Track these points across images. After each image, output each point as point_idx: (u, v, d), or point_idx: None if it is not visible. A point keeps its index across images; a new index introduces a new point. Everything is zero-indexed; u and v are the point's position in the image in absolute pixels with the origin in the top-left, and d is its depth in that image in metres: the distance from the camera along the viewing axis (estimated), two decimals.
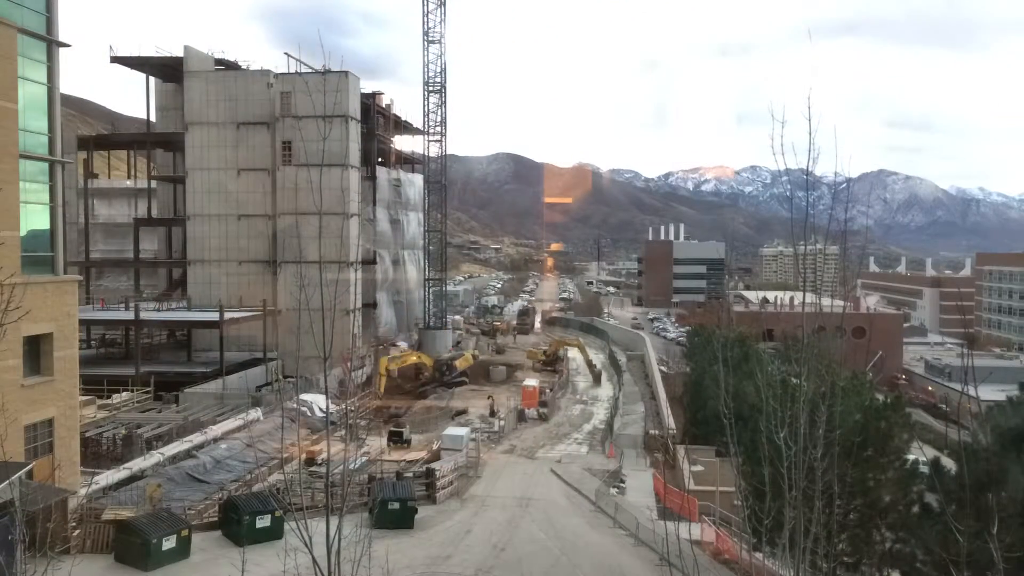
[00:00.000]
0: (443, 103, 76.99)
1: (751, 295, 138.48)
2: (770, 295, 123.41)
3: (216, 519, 29.81)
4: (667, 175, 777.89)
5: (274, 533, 27.18)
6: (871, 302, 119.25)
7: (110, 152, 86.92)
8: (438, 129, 77.52)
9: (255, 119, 67.77)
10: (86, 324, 57.07)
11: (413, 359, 64.59)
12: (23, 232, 27.65)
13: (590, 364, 74.77)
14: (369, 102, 74.66)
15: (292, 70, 69.36)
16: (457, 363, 66.55)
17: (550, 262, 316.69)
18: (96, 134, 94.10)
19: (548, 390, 60.47)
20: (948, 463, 21.66)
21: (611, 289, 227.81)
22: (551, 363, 74.11)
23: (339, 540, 9.84)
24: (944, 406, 75.63)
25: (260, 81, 68.41)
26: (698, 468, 38.53)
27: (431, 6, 74.94)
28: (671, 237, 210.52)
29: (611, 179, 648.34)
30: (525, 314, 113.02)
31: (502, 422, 50.30)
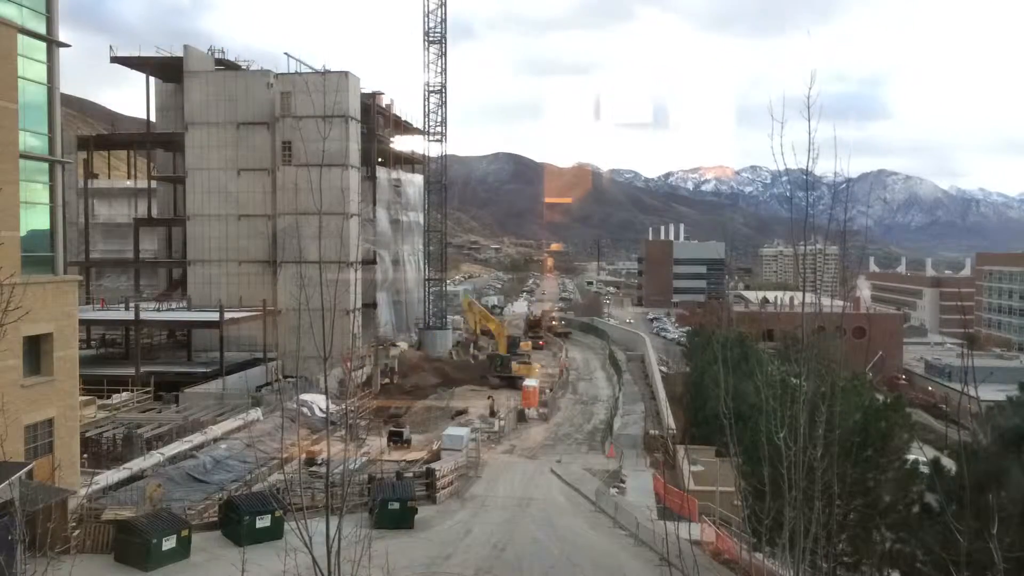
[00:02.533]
0: (443, 103, 77.01)
1: (751, 295, 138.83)
2: (770, 295, 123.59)
3: (216, 519, 29.83)
4: (667, 175, 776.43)
5: (274, 533, 27.18)
6: (866, 296, 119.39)
7: (110, 152, 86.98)
8: (438, 129, 77.54)
9: (255, 119, 67.76)
10: (86, 324, 57.02)
11: (493, 326, 73.89)
12: (23, 232, 27.65)
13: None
14: (369, 102, 74.69)
15: (292, 70, 69.47)
16: (516, 367, 65.88)
17: (550, 262, 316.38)
18: (96, 134, 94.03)
19: (548, 390, 60.55)
20: (948, 463, 21.65)
21: (611, 289, 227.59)
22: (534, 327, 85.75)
23: (339, 540, 9.83)
24: (944, 406, 75.61)
25: (260, 81, 68.42)
26: (698, 468, 38.55)
27: (432, 5, 75.03)
28: (671, 237, 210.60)
29: (611, 179, 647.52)
30: (536, 325, 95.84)
31: (502, 422, 50.32)
